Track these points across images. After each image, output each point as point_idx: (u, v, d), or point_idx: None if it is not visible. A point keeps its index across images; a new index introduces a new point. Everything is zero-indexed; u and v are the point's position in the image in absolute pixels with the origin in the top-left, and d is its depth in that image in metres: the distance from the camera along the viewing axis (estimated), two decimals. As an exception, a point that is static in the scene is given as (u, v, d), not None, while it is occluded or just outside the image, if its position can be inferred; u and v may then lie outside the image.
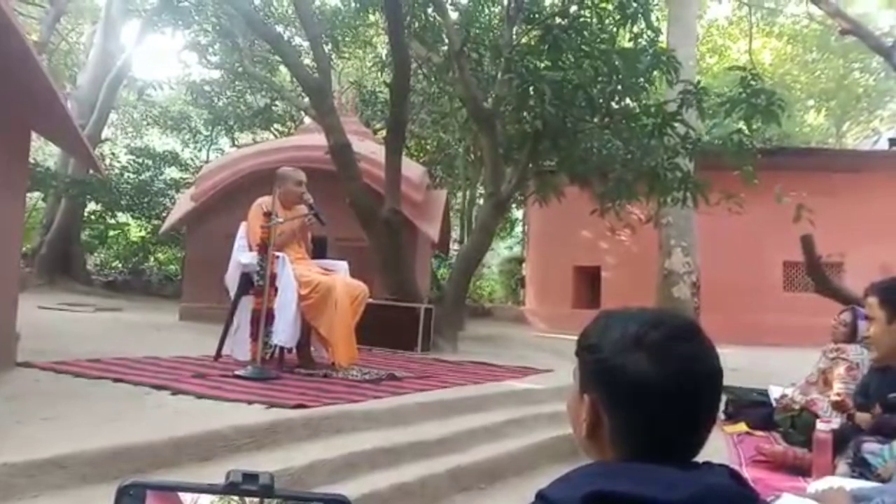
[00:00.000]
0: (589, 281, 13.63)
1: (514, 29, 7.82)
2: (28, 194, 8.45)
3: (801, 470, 3.87)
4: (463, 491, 3.41)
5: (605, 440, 0.93)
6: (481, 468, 3.58)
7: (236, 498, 0.74)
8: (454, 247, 15.16)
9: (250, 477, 0.74)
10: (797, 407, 4.54)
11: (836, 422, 4.09)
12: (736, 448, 4.46)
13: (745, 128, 7.53)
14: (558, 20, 7.27)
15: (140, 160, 15.27)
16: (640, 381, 0.88)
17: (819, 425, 3.85)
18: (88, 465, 2.48)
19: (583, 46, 7.11)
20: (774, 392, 5.00)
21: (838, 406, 4.26)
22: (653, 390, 0.88)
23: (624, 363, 0.90)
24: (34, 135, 4.99)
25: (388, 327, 6.47)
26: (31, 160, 7.71)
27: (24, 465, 2.34)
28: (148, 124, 18.37)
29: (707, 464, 0.90)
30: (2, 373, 3.92)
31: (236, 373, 4.29)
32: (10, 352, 4.21)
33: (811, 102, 21.63)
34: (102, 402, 3.43)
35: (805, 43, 20.61)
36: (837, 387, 4.39)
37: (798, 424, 4.42)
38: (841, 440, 3.79)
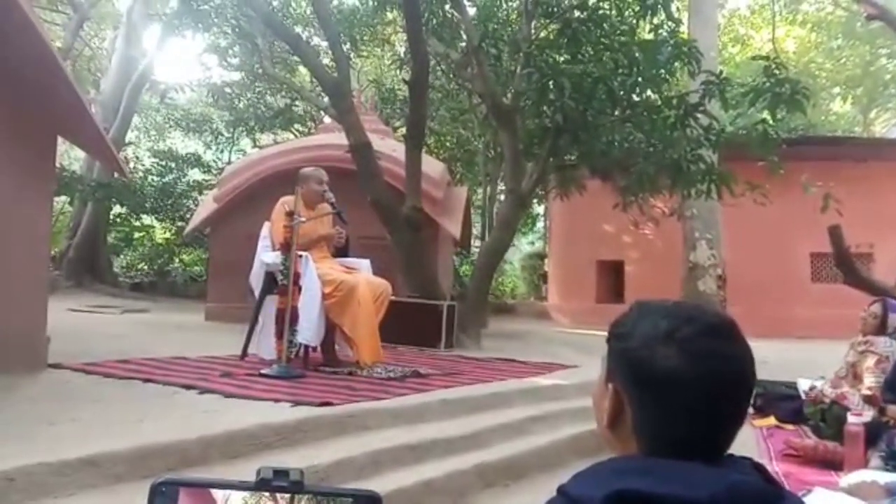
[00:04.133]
0: (612, 275, 13.54)
1: (533, 23, 7.79)
2: (55, 198, 8.59)
3: (833, 464, 3.82)
4: (489, 487, 3.41)
5: (627, 432, 0.91)
6: (507, 465, 3.57)
7: (267, 494, 0.74)
8: (476, 243, 15.14)
9: (281, 473, 0.74)
10: (827, 400, 4.48)
11: (868, 415, 4.03)
12: (765, 442, 4.41)
13: (769, 118, 7.42)
14: (577, 13, 7.23)
15: (163, 163, 15.45)
16: (667, 376, 0.87)
17: (850, 418, 3.80)
18: (121, 464, 2.52)
19: (602, 39, 7.07)
20: (803, 385, 4.93)
21: (870, 400, 4.20)
22: (679, 386, 0.86)
23: (653, 355, 0.88)
24: (60, 139, 5.07)
25: (411, 325, 6.48)
26: (58, 165, 7.84)
27: (59, 465, 2.38)
28: (170, 127, 18.57)
29: (730, 457, 0.88)
30: (34, 374, 3.99)
31: (262, 371, 4.32)
32: (42, 354, 4.28)
33: (837, 90, 21.23)
34: (132, 401, 3.48)
35: (830, 30, 20.23)
36: (868, 380, 4.32)
37: (828, 418, 4.36)
38: (873, 434, 3.73)
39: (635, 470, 0.83)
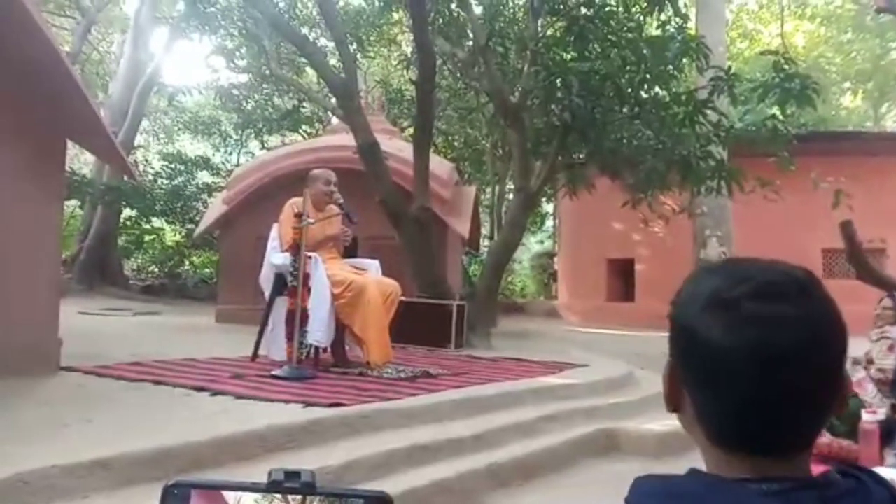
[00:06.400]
0: (622, 274, 13.50)
1: (539, 21, 7.77)
2: (66, 202, 8.65)
3: (848, 462, 3.78)
4: (501, 487, 3.40)
5: (689, 417, 0.74)
6: (518, 464, 3.57)
7: (278, 496, 0.74)
8: (485, 243, 15.12)
9: (292, 475, 0.74)
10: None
11: (882, 412, 3.99)
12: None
13: (779, 113, 7.38)
14: (583, 10, 7.20)
15: (173, 165, 15.53)
16: (707, 351, 0.69)
17: (865, 416, 3.76)
18: (133, 466, 2.53)
19: (609, 36, 7.04)
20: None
21: (881, 384, 4.16)
22: (721, 362, 0.68)
23: (695, 326, 0.70)
24: (70, 143, 5.10)
25: (421, 325, 6.47)
26: (68, 168, 7.89)
27: (72, 467, 2.39)
28: (179, 130, 18.67)
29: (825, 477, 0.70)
30: (46, 378, 4.01)
31: (273, 373, 4.33)
32: (54, 357, 4.30)
33: (847, 85, 21.09)
34: (144, 404, 3.49)
35: (839, 24, 20.10)
36: (880, 363, 4.29)
37: (843, 414, 4.32)
38: (888, 431, 3.70)
39: (688, 497, 0.68)
